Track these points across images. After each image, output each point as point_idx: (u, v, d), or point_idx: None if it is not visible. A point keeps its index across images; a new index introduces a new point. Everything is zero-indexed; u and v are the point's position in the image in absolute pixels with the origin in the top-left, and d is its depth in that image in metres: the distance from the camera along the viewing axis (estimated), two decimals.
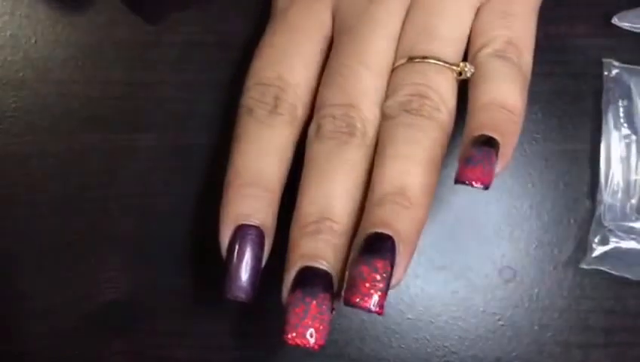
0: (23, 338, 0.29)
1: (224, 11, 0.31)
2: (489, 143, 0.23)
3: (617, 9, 0.31)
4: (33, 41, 0.31)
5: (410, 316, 0.29)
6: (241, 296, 0.24)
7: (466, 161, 0.23)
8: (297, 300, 0.22)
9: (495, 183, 0.30)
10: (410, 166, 0.24)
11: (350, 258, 0.23)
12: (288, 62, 0.26)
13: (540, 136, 0.31)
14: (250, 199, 0.24)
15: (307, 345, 0.22)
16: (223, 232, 0.24)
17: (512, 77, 0.25)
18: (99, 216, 0.29)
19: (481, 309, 0.30)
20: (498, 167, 0.23)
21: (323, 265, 0.23)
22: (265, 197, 0.25)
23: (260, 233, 0.24)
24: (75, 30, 0.31)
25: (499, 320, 0.30)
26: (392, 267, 0.22)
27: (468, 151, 0.23)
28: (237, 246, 0.24)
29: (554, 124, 0.31)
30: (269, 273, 0.29)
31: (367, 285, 0.22)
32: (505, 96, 0.24)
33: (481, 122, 0.24)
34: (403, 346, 0.29)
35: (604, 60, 0.31)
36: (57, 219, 0.29)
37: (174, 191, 0.30)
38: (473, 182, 0.22)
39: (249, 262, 0.24)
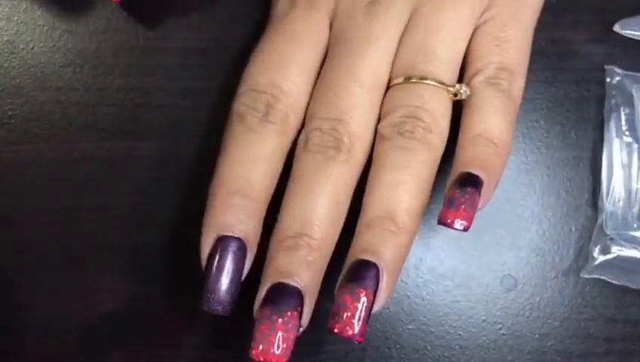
0: (21, 349, 0.28)
1: (223, 18, 0.31)
2: (473, 182, 0.24)
3: (620, 16, 0.31)
4: (30, 47, 0.30)
5: (410, 326, 0.29)
6: (218, 309, 0.24)
7: (448, 203, 0.24)
8: (264, 317, 0.23)
9: (497, 191, 0.30)
10: (400, 191, 0.24)
11: (338, 282, 0.24)
12: (283, 70, 0.26)
13: (541, 144, 0.31)
14: (234, 209, 0.24)
15: None
16: (203, 242, 0.24)
17: (502, 109, 0.25)
18: (97, 226, 0.29)
19: (483, 318, 0.29)
20: (480, 204, 0.24)
21: (295, 281, 0.23)
22: (249, 208, 0.24)
23: (241, 245, 0.24)
24: (73, 36, 0.30)
25: (500, 329, 0.29)
26: (375, 295, 0.23)
27: (451, 192, 0.24)
28: (217, 258, 0.24)
29: (556, 131, 0.31)
30: None
31: (349, 314, 0.23)
32: (493, 129, 0.25)
33: (468, 158, 0.25)
34: (403, 356, 0.29)
35: (607, 67, 0.31)
36: (54, 229, 0.29)
37: (173, 200, 0.29)
38: (454, 225, 0.24)
39: (228, 274, 0.24)
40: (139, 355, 0.29)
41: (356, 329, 0.23)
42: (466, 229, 0.24)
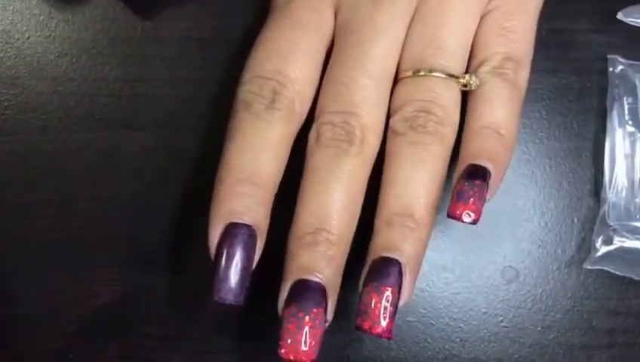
0: (17, 342, 0.28)
1: (221, 7, 0.30)
2: (482, 174, 0.24)
3: (623, 4, 0.30)
4: (26, 37, 0.30)
5: (410, 318, 0.29)
6: (230, 298, 0.23)
7: (457, 196, 0.24)
8: (291, 315, 0.23)
9: None
10: (417, 187, 0.24)
11: (361, 279, 0.24)
12: (288, 56, 0.25)
13: (543, 135, 0.30)
14: (243, 197, 0.24)
15: (299, 360, 0.23)
16: (212, 231, 0.24)
17: (508, 100, 0.25)
18: (93, 217, 0.29)
19: (483, 311, 0.29)
20: (488, 195, 0.24)
21: (317, 277, 0.23)
22: (258, 196, 0.24)
23: (251, 232, 0.24)
24: (69, 26, 0.30)
25: (501, 321, 0.29)
26: (400, 291, 0.24)
27: (460, 185, 0.24)
28: (227, 246, 0.24)
29: (558, 121, 0.30)
30: (265, 274, 0.28)
31: (377, 312, 0.23)
32: (500, 120, 0.25)
33: (475, 150, 0.25)
34: (403, 349, 0.29)
35: (609, 57, 0.30)
36: (50, 220, 0.29)
37: (171, 190, 0.29)
38: (463, 218, 0.24)
39: (239, 263, 0.24)
40: (137, 347, 0.28)
41: (384, 326, 0.23)
42: (474, 222, 0.24)
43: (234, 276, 0.23)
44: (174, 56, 0.30)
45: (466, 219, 0.24)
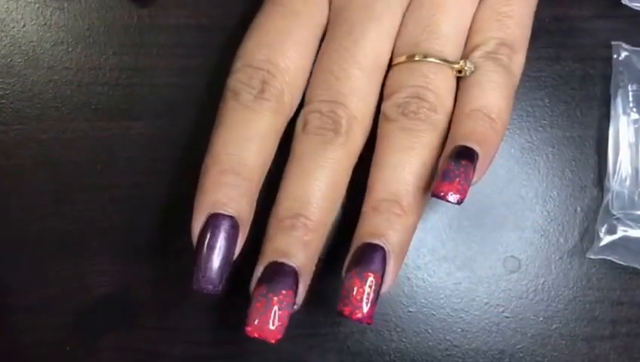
0: (11, 334, 0.28)
1: None
2: (469, 155, 0.24)
3: None
4: (22, 25, 0.30)
5: (411, 309, 0.29)
6: (209, 288, 0.23)
7: (443, 175, 0.23)
8: (260, 295, 0.23)
9: (500, 171, 0.29)
10: (405, 173, 0.24)
11: (345, 265, 0.24)
12: (279, 46, 0.25)
13: (546, 122, 0.30)
14: (227, 187, 0.24)
15: (265, 339, 0.23)
16: (194, 220, 0.24)
17: (500, 84, 0.25)
18: (90, 207, 0.29)
19: (485, 301, 0.29)
20: (474, 178, 0.24)
21: (291, 261, 0.24)
22: (243, 187, 0.24)
23: (234, 223, 0.24)
24: (65, 14, 0.30)
25: (503, 311, 0.29)
26: (383, 277, 0.24)
27: (446, 164, 0.24)
28: (208, 236, 0.24)
29: (561, 109, 0.30)
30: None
31: (358, 298, 0.23)
32: (492, 105, 0.25)
33: (464, 131, 0.24)
34: (404, 339, 0.29)
35: (613, 43, 0.30)
36: (45, 210, 0.29)
37: (166, 180, 0.29)
38: (447, 197, 0.23)
39: (220, 253, 0.24)
40: (133, 338, 0.28)
41: (365, 312, 0.23)
42: (459, 202, 0.23)
43: (213, 266, 0.23)
44: (171, 44, 0.30)
45: (451, 198, 0.23)
